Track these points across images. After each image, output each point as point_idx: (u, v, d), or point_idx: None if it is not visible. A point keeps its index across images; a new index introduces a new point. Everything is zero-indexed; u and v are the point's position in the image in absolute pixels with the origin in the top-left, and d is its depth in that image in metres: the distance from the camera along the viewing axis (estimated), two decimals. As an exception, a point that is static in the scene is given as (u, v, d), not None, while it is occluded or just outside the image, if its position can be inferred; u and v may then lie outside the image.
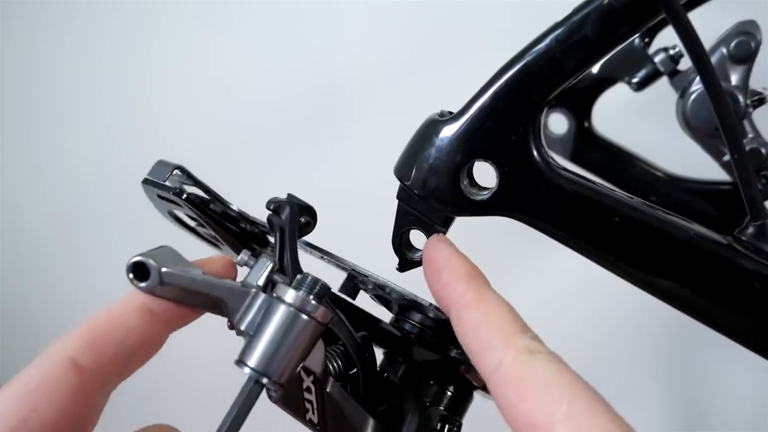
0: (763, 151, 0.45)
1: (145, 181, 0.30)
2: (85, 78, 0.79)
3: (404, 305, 0.32)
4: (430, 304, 0.31)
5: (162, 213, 0.34)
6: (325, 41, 0.72)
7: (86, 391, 0.23)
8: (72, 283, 0.88)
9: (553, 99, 0.27)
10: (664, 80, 0.51)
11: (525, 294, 0.80)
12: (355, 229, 0.75)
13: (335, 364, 0.29)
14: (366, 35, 0.72)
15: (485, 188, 0.28)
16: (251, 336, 0.24)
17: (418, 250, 0.30)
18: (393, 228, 0.30)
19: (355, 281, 0.32)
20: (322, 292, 0.25)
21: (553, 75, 0.26)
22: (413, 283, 0.30)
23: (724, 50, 0.44)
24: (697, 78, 0.44)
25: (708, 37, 0.44)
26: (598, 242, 0.28)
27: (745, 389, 0.72)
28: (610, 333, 0.73)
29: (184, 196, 0.29)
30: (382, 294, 0.32)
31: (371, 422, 0.29)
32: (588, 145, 0.55)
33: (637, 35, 0.39)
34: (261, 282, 0.26)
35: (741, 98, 0.43)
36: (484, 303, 0.25)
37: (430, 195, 0.28)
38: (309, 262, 0.30)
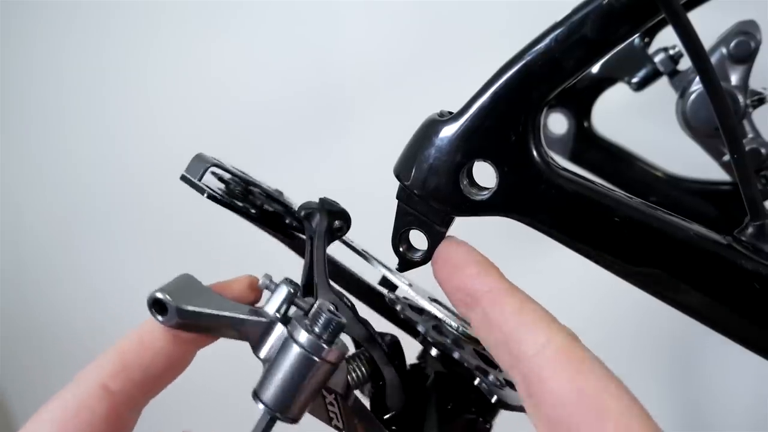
0: (763, 151, 0.45)
1: (182, 178, 0.30)
2: (85, 78, 0.79)
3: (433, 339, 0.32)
4: (458, 329, 0.31)
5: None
6: (325, 41, 0.72)
7: (118, 413, 0.24)
8: (72, 283, 0.88)
9: (552, 99, 0.27)
10: (664, 80, 0.51)
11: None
12: (355, 229, 0.75)
13: (358, 373, 0.29)
14: (366, 35, 0.72)
15: (485, 188, 0.28)
16: (267, 368, 0.25)
17: (418, 250, 0.30)
18: (393, 228, 0.30)
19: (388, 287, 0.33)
20: (336, 331, 0.25)
21: (553, 75, 0.26)
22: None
23: (724, 50, 0.44)
24: (697, 78, 0.44)
25: (708, 37, 0.44)
26: (598, 242, 0.28)
27: (745, 389, 0.72)
28: (610, 333, 0.73)
29: (217, 197, 0.29)
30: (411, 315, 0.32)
31: None
32: (588, 145, 0.55)
33: (636, 35, 0.39)
34: (278, 311, 0.26)
35: (741, 98, 0.43)
36: (518, 289, 0.26)
37: (429, 195, 0.28)
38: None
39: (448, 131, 0.27)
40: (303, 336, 0.24)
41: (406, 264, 0.30)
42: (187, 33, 0.75)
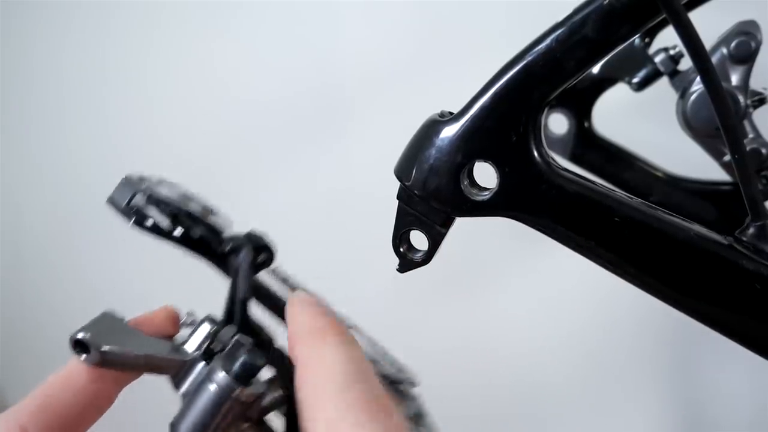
0: (764, 151, 0.45)
1: (109, 202, 0.31)
2: (85, 78, 0.79)
3: None
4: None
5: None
6: (325, 41, 0.72)
7: None
8: (72, 283, 0.88)
9: (553, 99, 0.27)
10: (664, 80, 0.51)
11: (525, 294, 0.80)
12: (355, 229, 0.75)
13: (274, 397, 0.30)
14: (366, 35, 0.72)
15: (486, 189, 0.28)
16: (186, 402, 0.26)
17: (419, 250, 0.30)
18: (393, 228, 0.30)
19: None
20: (252, 372, 0.26)
21: (554, 75, 0.26)
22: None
23: (725, 50, 0.44)
24: (698, 78, 0.44)
25: (708, 37, 0.44)
26: (598, 243, 0.28)
27: (745, 389, 0.72)
28: (610, 333, 0.73)
29: (142, 225, 0.31)
30: None
31: None
32: (588, 145, 0.55)
33: (637, 35, 0.39)
34: (199, 349, 0.28)
35: (741, 98, 0.43)
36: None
37: (430, 195, 0.28)
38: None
39: (449, 131, 0.27)
40: (220, 375, 0.26)
41: (406, 264, 0.30)
42: (188, 33, 0.75)
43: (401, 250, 0.30)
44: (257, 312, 0.32)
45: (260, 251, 0.31)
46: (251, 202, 0.77)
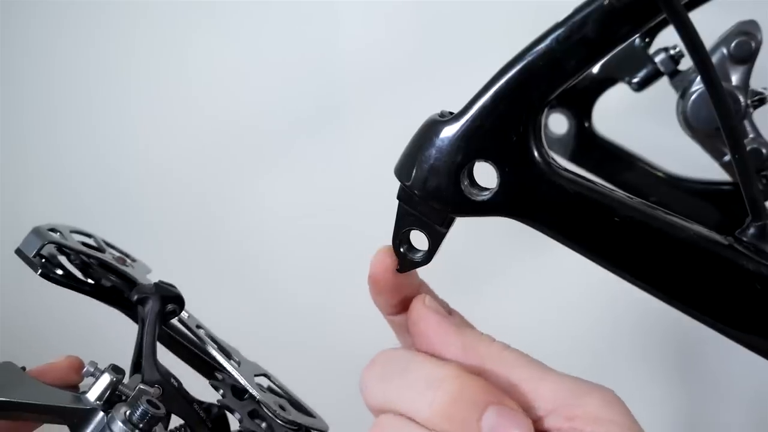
0: (764, 151, 0.45)
1: (17, 252, 0.31)
2: (85, 78, 0.79)
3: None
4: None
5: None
6: (325, 41, 0.72)
7: None
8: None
9: (553, 99, 0.27)
10: (664, 80, 0.51)
11: (525, 294, 0.80)
12: (355, 229, 0.75)
13: None
14: (366, 35, 0.72)
15: (486, 189, 0.28)
16: None
17: (419, 250, 0.30)
18: (393, 228, 0.30)
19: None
20: (152, 422, 0.26)
21: (554, 75, 0.26)
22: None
23: (725, 50, 0.44)
24: (698, 78, 0.44)
25: (708, 37, 0.44)
26: (598, 242, 0.28)
27: (745, 389, 0.72)
28: (611, 333, 0.73)
29: (50, 276, 0.31)
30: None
31: None
32: (588, 145, 0.55)
33: (637, 35, 0.39)
34: (100, 399, 0.28)
35: (741, 98, 0.43)
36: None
37: (430, 195, 0.28)
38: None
39: (449, 131, 0.27)
40: (119, 425, 0.26)
41: (406, 264, 0.30)
42: (188, 33, 0.75)
43: (401, 250, 0.30)
44: (169, 359, 0.32)
45: (168, 301, 0.32)
46: (251, 202, 0.77)
